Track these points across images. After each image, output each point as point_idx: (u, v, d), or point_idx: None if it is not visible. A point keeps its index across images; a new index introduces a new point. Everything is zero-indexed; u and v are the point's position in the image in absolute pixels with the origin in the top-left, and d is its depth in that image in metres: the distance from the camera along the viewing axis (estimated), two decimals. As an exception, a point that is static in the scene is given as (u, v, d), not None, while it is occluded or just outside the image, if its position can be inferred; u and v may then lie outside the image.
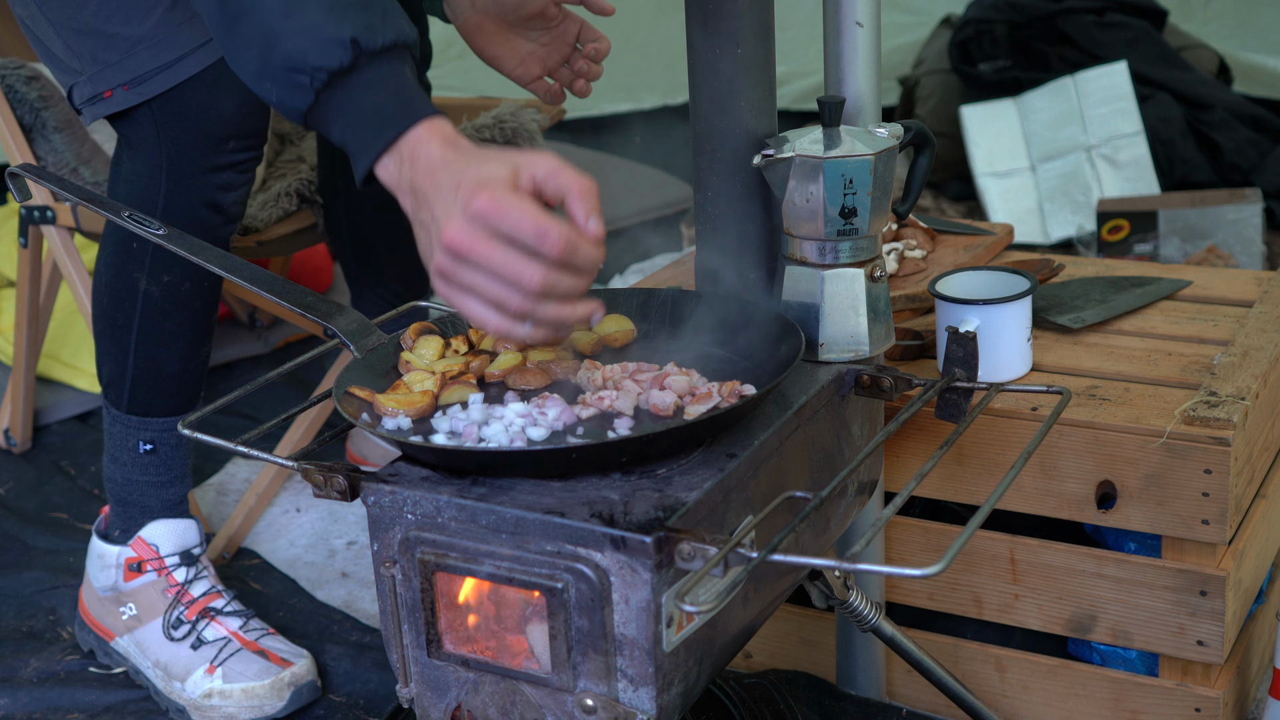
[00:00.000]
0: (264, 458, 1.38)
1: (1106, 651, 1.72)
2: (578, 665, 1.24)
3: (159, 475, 1.94)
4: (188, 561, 1.96)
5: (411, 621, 1.31)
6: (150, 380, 1.89)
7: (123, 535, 1.97)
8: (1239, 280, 1.98)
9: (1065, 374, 1.74)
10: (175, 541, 1.95)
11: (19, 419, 2.69)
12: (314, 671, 1.93)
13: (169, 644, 1.93)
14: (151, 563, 1.95)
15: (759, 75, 1.49)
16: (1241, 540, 1.65)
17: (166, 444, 1.93)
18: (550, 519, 1.22)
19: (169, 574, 1.95)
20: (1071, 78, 3.51)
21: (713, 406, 1.33)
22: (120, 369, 1.88)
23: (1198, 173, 3.40)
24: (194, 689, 1.89)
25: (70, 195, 1.63)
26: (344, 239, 2.30)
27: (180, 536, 1.96)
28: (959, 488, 1.71)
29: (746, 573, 1.16)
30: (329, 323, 1.49)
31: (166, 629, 1.93)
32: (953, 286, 1.74)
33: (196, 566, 1.96)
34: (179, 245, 1.56)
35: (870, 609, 1.61)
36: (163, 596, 1.94)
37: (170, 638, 1.93)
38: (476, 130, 2.47)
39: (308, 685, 1.91)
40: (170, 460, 1.94)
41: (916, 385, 1.47)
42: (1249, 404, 1.61)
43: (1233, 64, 3.92)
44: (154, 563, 1.95)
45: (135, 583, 1.96)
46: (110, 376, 1.90)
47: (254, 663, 1.89)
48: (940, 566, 1.11)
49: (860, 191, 1.46)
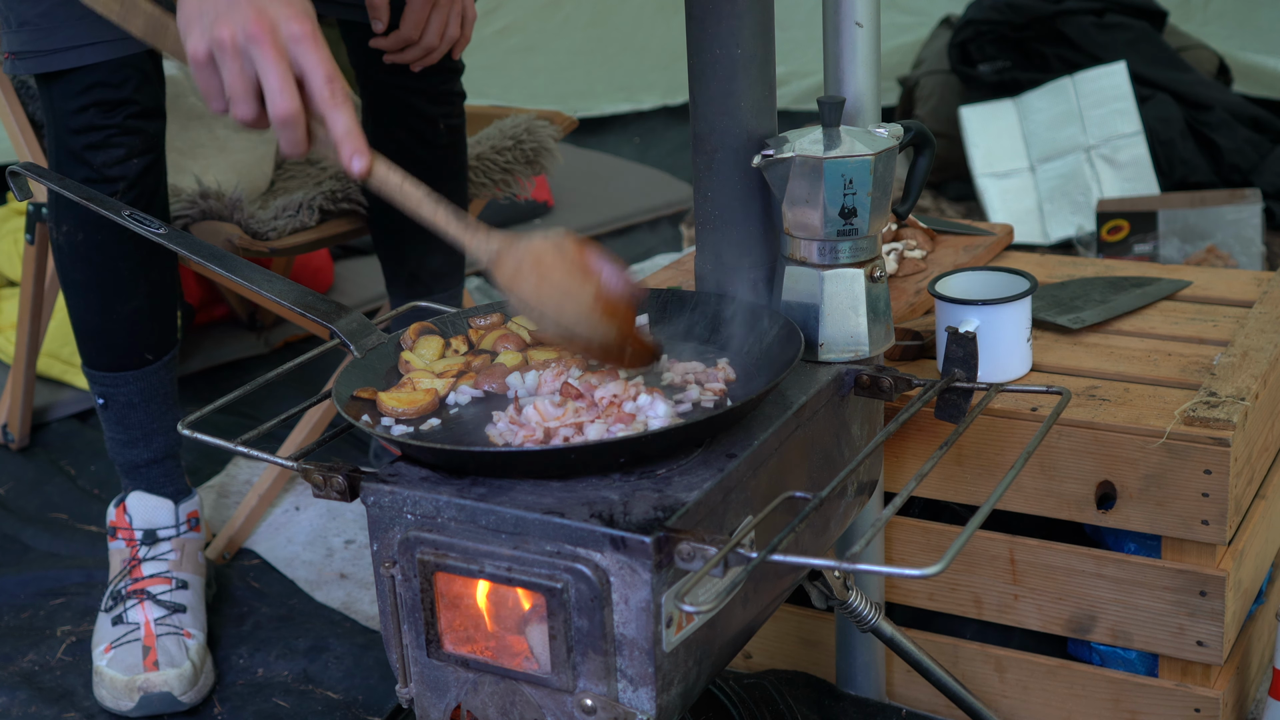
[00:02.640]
0: (264, 458, 1.38)
1: (1106, 652, 1.72)
2: (577, 665, 1.24)
3: (117, 433, 2.03)
4: (149, 540, 2.02)
5: (411, 622, 1.31)
6: (81, 332, 1.98)
7: (119, 497, 2.06)
8: (1239, 281, 1.98)
9: (1065, 374, 1.74)
10: (145, 518, 2.03)
11: (18, 415, 2.69)
12: (176, 685, 1.91)
13: (102, 612, 2.01)
14: (123, 531, 2.03)
15: (759, 75, 1.49)
16: (1241, 541, 1.65)
17: (117, 401, 2.00)
18: (550, 519, 1.22)
19: (134, 547, 2.02)
20: (1071, 78, 3.51)
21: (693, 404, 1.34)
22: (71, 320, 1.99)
23: (1197, 173, 3.40)
24: (96, 660, 1.96)
25: (69, 194, 1.63)
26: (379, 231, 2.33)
27: (150, 514, 2.03)
28: (959, 488, 1.71)
29: (746, 573, 1.16)
30: (329, 322, 1.49)
31: (107, 597, 2.01)
32: (952, 287, 1.74)
33: (158, 547, 2.02)
34: (178, 244, 1.56)
35: (870, 609, 1.61)
36: (122, 566, 2.02)
37: (105, 607, 2.00)
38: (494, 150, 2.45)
39: (160, 696, 1.90)
40: (124, 418, 2.01)
41: (916, 385, 1.48)
42: (1249, 404, 1.61)
43: (1233, 64, 3.92)
44: (125, 532, 2.03)
45: (112, 545, 2.05)
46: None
47: (132, 656, 1.93)
48: (940, 567, 1.11)
49: (860, 191, 1.46)
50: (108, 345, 1.97)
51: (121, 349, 1.97)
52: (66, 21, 1.80)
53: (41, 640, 2.12)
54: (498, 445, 1.32)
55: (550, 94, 4.37)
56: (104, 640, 1.97)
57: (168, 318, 2.01)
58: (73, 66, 1.82)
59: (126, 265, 1.93)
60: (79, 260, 1.92)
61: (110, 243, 1.91)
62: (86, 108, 1.84)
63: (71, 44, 1.81)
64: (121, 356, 1.97)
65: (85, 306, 1.96)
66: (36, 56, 1.83)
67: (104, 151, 1.86)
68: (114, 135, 1.86)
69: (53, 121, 1.88)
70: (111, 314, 1.95)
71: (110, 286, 1.94)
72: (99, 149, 1.86)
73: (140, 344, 1.98)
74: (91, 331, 1.97)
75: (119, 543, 2.04)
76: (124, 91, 1.85)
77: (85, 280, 1.93)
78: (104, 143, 1.86)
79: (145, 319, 1.97)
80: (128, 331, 1.96)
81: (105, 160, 1.86)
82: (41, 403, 2.81)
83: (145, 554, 2.02)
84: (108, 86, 1.84)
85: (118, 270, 1.93)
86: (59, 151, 1.88)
